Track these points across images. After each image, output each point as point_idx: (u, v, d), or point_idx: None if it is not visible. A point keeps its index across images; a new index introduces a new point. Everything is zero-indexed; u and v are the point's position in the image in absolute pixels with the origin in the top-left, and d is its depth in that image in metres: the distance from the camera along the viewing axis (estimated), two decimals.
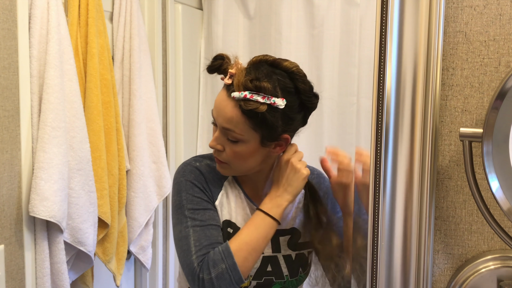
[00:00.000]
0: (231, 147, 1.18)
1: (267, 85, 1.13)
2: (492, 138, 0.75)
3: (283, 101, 1.14)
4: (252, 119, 1.14)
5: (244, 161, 1.19)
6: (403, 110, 0.81)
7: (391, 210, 0.86)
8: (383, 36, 0.81)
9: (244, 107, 1.12)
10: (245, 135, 1.16)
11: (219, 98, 1.19)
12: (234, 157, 1.19)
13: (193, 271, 1.13)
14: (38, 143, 1.47)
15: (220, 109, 1.17)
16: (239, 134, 1.15)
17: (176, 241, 1.21)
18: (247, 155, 1.18)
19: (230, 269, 1.12)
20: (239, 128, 1.15)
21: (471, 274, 0.89)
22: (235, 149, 1.17)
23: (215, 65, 1.20)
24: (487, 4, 0.81)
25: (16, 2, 1.42)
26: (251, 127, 1.15)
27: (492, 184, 0.80)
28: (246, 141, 1.16)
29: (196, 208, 1.20)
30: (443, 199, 0.88)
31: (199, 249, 1.15)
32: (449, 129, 0.87)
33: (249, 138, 1.16)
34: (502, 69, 0.81)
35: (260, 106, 1.12)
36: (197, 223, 1.18)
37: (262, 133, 1.16)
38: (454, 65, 0.84)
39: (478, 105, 0.84)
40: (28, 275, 1.50)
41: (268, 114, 1.13)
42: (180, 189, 1.22)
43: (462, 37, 0.82)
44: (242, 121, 1.14)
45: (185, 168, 1.26)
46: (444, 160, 0.86)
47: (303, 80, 1.19)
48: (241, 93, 1.13)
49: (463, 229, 0.88)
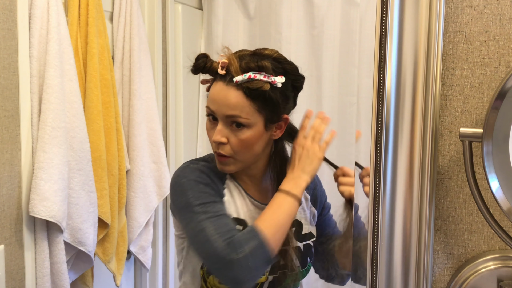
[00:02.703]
0: (237, 135, 1.18)
1: (268, 64, 1.17)
2: (492, 138, 0.75)
3: (282, 78, 1.18)
4: (257, 100, 1.16)
5: (250, 149, 1.20)
6: (403, 110, 0.81)
7: (391, 210, 0.86)
8: (383, 36, 0.81)
9: (251, 87, 1.14)
10: (251, 118, 1.17)
11: (216, 89, 1.19)
12: (240, 145, 1.19)
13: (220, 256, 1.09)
14: (38, 143, 1.47)
15: (220, 99, 1.18)
16: (245, 118, 1.17)
17: (192, 238, 1.17)
18: (253, 141, 1.19)
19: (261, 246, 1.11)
20: (245, 112, 1.16)
21: (471, 274, 0.89)
22: (241, 137, 1.18)
23: (199, 64, 1.21)
24: (487, 4, 0.81)
25: (16, 2, 1.42)
26: (256, 110, 1.17)
27: (492, 184, 0.80)
28: (252, 125, 1.18)
29: (205, 202, 1.18)
30: (443, 199, 0.88)
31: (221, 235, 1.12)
32: (449, 129, 0.87)
33: (255, 122, 1.18)
34: (502, 69, 0.81)
35: (264, 85, 1.15)
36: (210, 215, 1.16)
37: (266, 114, 1.18)
38: (454, 65, 0.84)
39: (478, 105, 0.84)
40: (28, 275, 1.50)
41: (271, 92, 1.17)
42: (185, 189, 1.20)
43: (462, 37, 0.82)
44: (247, 104, 1.16)
45: (184, 170, 1.24)
46: (444, 160, 0.86)
47: (288, 61, 1.23)
48: (244, 75, 1.15)
49: (463, 229, 0.88)
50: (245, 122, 1.17)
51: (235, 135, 1.19)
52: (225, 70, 1.18)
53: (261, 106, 1.17)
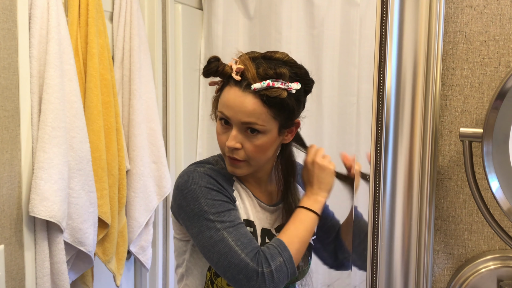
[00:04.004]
0: (252, 141, 1.19)
1: (286, 71, 1.18)
2: (492, 138, 0.75)
3: (298, 85, 1.19)
4: (274, 107, 1.17)
5: (264, 154, 1.21)
6: (403, 110, 0.81)
7: (391, 210, 0.86)
8: (383, 36, 0.81)
9: (270, 95, 1.15)
10: (267, 125, 1.18)
11: (232, 96, 1.18)
12: (255, 151, 1.20)
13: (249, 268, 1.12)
14: (38, 143, 1.47)
15: (237, 106, 1.17)
16: (261, 125, 1.17)
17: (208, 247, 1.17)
18: (267, 147, 1.20)
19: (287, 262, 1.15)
20: (261, 119, 1.17)
21: (471, 274, 0.89)
22: (256, 143, 1.19)
23: (211, 67, 1.20)
24: (487, 4, 0.81)
25: (16, 2, 1.42)
26: (272, 116, 1.18)
27: (492, 184, 0.80)
28: (267, 131, 1.19)
29: (220, 211, 1.18)
30: (443, 199, 0.89)
31: (245, 247, 1.14)
32: (449, 129, 0.87)
33: (270, 128, 1.19)
34: (502, 69, 0.81)
35: (282, 92, 1.16)
36: (227, 224, 1.17)
37: (281, 120, 1.20)
38: (454, 65, 0.84)
39: (478, 105, 0.84)
40: (28, 275, 1.50)
41: (288, 100, 1.18)
42: (197, 196, 1.19)
43: (462, 37, 0.82)
44: (264, 111, 1.17)
45: (192, 175, 1.22)
46: (444, 160, 0.86)
47: (298, 65, 1.25)
48: (263, 82, 1.15)
49: (463, 229, 0.88)
50: (261, 129, 1.18)
51: (250, 141, 1.19)
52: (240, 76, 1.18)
53: (277, 113, 1.18)
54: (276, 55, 1.22)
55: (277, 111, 1.18)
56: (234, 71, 1.18)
